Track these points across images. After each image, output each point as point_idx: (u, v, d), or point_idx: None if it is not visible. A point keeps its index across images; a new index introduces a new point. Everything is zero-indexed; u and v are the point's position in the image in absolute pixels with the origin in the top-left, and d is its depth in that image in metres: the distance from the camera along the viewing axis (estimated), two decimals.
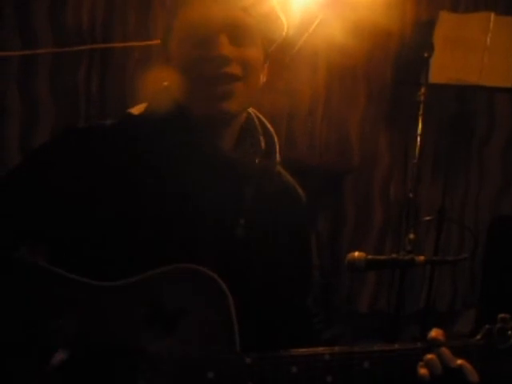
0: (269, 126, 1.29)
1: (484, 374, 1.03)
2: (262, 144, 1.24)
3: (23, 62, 2.71)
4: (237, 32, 1.14)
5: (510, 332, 1.03)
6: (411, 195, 2.45)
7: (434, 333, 1.06)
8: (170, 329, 1.04)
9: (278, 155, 1.27)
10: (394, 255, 1.32)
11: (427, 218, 2.80)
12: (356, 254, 1.27)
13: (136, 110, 1.23)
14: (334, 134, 3.24)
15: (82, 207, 1.12)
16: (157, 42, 2.70)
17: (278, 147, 1.27)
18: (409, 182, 2.61)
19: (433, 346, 1.04)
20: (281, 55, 2.68)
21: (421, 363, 1.03)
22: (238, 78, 1.14)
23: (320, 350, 1.05)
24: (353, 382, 1.04)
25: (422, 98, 2.46)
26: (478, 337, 1.06)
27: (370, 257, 1.28)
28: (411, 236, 2.20)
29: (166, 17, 1.23)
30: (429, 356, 1.03)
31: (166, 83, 1.23)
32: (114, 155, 1.15)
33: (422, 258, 1.31)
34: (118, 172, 1.14)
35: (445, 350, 1.03)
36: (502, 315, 1.04)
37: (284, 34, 1.26)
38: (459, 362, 1.02)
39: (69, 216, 1.12)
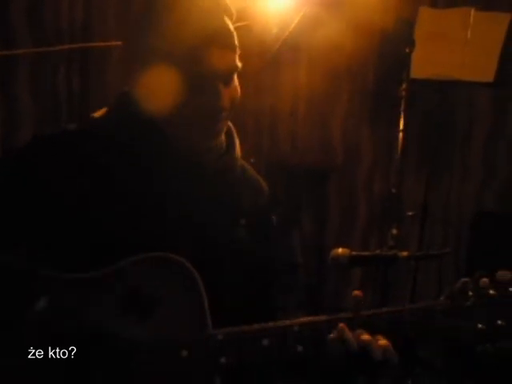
0: (230, 124, 1.30)
1: (447, 331, 1.08)
2: (224, 140, 1.26)
3: (2, 63, 2.68)
4: (231, 70, 1.18)
5: (470, 293, 1.09)
6: (394, 191, 2.45)
7: (356, 291, 1.11)
8: (144, 316, 1.07)
9: (237, 150, 1.29)
10: (377, 251, 1.33)
11: (410, 213, 2.80)
12: (340, 250, 1.28)
13: (98, 113, 1.26)
14: (316, 133, 3.25)
15: (55, 213, 1.13)
16: None
17: (237, 142, 1.29)
18: (392, 177, 2.62)
19: (355, 319, 1.08)
20: (262, 53, 2.68)
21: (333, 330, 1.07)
22: (226, 116, 1.20)
23: (288, 322, 1.09)
24: (323, 349, 1.07)
25: (404, 93, 2.47)
26: (442, 298, 1.11)
27: (353, 253, 1.29)
28: (394, 231, 2.20)
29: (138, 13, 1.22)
30: (365, 337, 1.06)
31: (126, 88, 1.23)
32: (81, 159, 1.16)
33: (405, 253, 1.31)
34: (88, 176, 1.15)
35: (365, 337, 1.06)
36: (463, 279, 1.11)
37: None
38: (380, 343, 1.05)
39: (43, 220, 1.13)
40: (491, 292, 1.09)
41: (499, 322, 1.07)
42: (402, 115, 2.46)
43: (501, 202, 3.34)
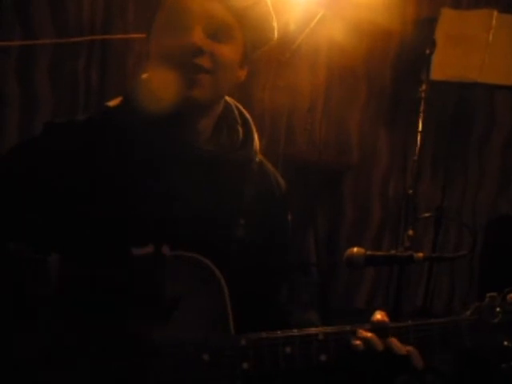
0: (247, 115, 1.29)
1: (474, 347, 1.08)
2: (241, 134, 1.25)
3: (23, 53, 2.70)
4: (213, 26, 1.16)
5: (498, 309, 1.08)
6: (410, 192, 2.44)
7: (379, 315, 1.09)
8: (166, 318, 1.05)
9: (255, 144, 1.27)
10: (392, 251, 1.32)
11: (426, 215, 2.79)
12: (355, 249, 1.27)
13: (112, 102, 1.24)
14: (333, 131, 3.24)
15: (64, 201, 1.13)
16: None
17: (256, 136, 1.28)
18: (408, 178, 2.60)
19: (378, 328, 1.07)
20: (281, 51, 2.67)
21: (354, 337, 1.07)
22: (205, 71, 1.15)
23: (313, 330, 1.08)
24: (346, 359, 1.06)
25: (423, 94, 2.45)
26: (468, 313, 1.10)
27: (368, 253, 1.28)
28: (410, 232, 2.19)
29: (151, 9, 1.25)
30: (368, 334, 1.06)
31: (144, 75, 1.24)
32: (93, 148, 1.16)
33: (420, 254, 1.30)
34: (99, 166, 1.15)
35: (393, 340, 1.06)
36: (490, 294, 1.09)
37: (273, 38, 1.26)
38: (407, 348, 1.06)
39: (52, 210, 1.13)
40: None
41: None
42: (421, 116, 2.45)
43: None
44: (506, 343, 1.06)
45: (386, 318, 1.09)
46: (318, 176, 3.05)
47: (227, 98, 1.28)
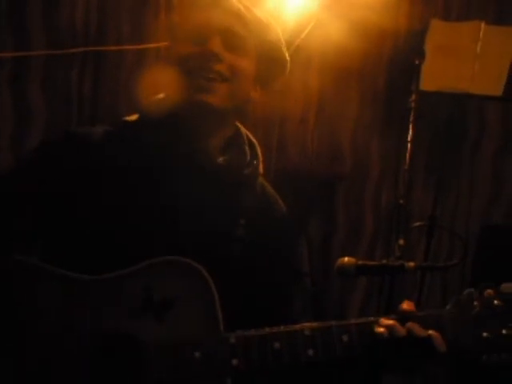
0: (254, 140, 1.36)
1: (455, 339, 1.12)
2: (248, 155, 1.31)
3: (16, 64, 2.71)
4: (231, 38, 1.22)
5: (475, 303, 1.13)
6: (402, 201, 2.46)
7: (406, 305, 1.14)
8: (158, 317, 1.09)
9: (260, 167, 1.34)
10: (384, 261, 1.34)
11: (417, 224, 2.80)
12: (346, 259, 1.30)
13: (130, 118, 1.31)
14: (325, 142, 3.25)
15: (77, 207, 1.17)
16: (150, 45, 2.71)
17: (260, 159, 1.35)
18: (400, 188, 2.62)
19: (404, 317, 1.12)
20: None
21: (376, 325, 1.11)
22: (223, 78, 1.21)
23: (299, 326, 1.12)
24: (333, 353, 1.09)
25: (413, 104, 2.47)
26: (448, 306, 1.15)
27: (360, 262, 1.30)
28: (401, 242, 2.21)
29: (170, 19, 1.31)
30: (389, 321, 1.11)
31: (161, 95, 1.30)
32: (111, 158, 1.21)
33: (411, 263, 1.32)
34: (115, 174, 1.20)
35: (414, 324, 1.10)
36: (468, 289, 1.15)
37: (284, 71, 1.36)
38: (429, 332, 1.09)
39: (64, 214, 1.18)
40: (496, 302, 1.11)
41: (504, 331, 1.09)
42: (411, 126, 2.47)
43: (509, 215, 3.33)
44: (485, 334, 1.10)
45: (412, 308, 1.14)
46: (310, 186, 3.06)
47: (238, 124, 1.35)
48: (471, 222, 3.36)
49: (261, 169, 1.34)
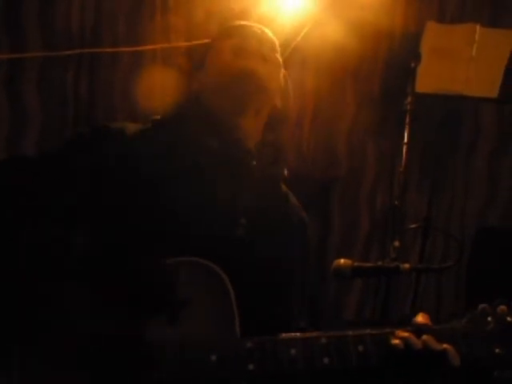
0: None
1: (468, 354, 1.11)
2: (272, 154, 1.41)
3: (11, 65, 2.70)
4: (269, 53, 1.45)
5: (489, 318, 1.13)
6: (397, 203, 2.46)
7: (421, 317, 1.14)
8: (174, 318, 1.10)
9: (285, 170, 1.43)
10: (379, 263, 1.34)
11: (412, 226, 2.81)
12: (342, 261, 1.30)
13: (159, 116, 1.37)
14: (321, 144, 3.25)
15: (109, 199, 1.20)
16: (146, 47, 2.70)
17: (285, 163, 1.45)
18: (395, 190, 2.63)
19: (420, 329, 1.11)
20: None
21: (392, 337, 1.10)
22: (264, 90, 1.44)
23: (316, 334, 1.12)
24: (348, 363, 1.09)
25: (409, 106, 2.48)
26: (463, 321, 1.14)
27: (355, 264, 1.30)
28: (396, 243, 2.21)
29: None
30: (405, 333, 1.10)
31: (195, 92, 1.40)
32: (145, 155, 1.25)
33: (407, 265, 1.32)
34: (149, 170, 1.24)
35: (428, 337, 1.10)
36: (482, 305, 1.14)
37: (287, 116, 1.59)
38: (444, 346, 1.09)
39: (95, 205, 1.20)
40: (509, 319, 1.12)
41: None
42: (407, 128, 2.48)
43: (504, 217, 3.34)
44: (497, 350, 1.10)
45: (427, 321, 1.14)
46: (306, 188, 3.06)
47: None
48: (466, 224, 3.37)
49: (285, 173, 1.45)
